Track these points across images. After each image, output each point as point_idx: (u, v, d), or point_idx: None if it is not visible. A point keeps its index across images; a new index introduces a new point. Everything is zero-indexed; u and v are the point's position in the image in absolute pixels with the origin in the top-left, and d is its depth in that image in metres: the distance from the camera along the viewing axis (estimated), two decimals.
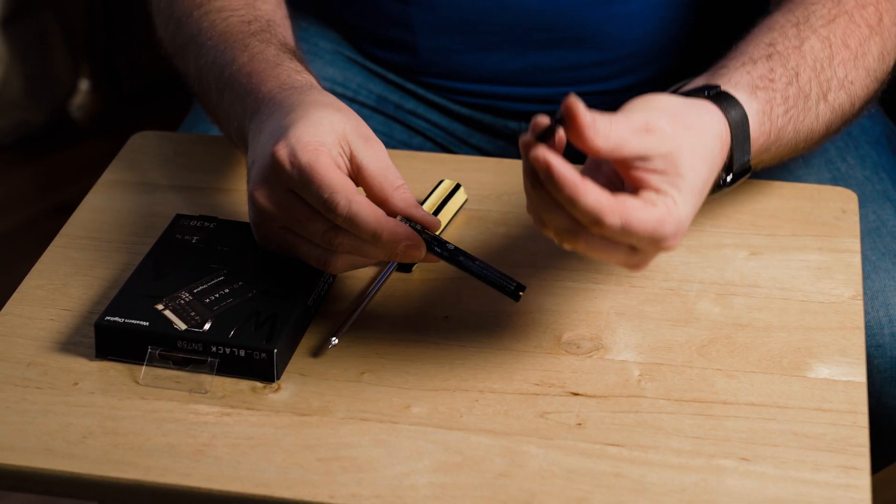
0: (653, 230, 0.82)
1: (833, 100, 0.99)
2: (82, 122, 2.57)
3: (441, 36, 1.24)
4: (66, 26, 2.46)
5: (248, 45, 1.02)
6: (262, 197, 0.90)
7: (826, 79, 0.99)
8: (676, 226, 0.83)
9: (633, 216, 0.81)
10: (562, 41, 1.22)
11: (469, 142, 1.31)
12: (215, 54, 1.03)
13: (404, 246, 0.88)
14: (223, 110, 1.02)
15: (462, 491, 0.80)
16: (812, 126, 0.98)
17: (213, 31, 1.05)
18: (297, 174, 0.87)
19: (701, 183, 0.85)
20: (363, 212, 0.87)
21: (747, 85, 0.93)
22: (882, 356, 1.04)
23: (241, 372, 0.88)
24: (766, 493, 0.79)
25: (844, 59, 1.00)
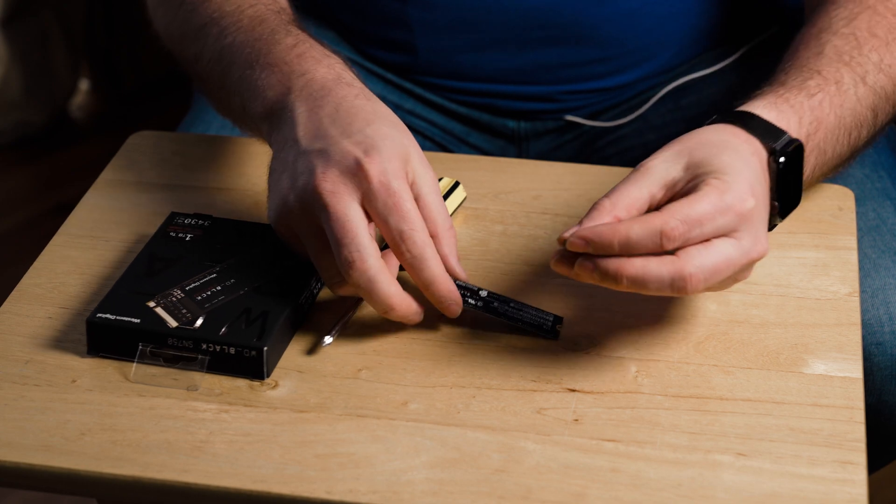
0: (714, 207, 0.83)
1: (874, 83, 1.00)
2: (82, 122, 2.58)
3: (439, 35, 1.24)
4: (66, 26, 2.46)
5: (290, 32, 1.00)
6: (327, 191, 0.87)
7: (858, 64, 1.00)
8: (736, 197, 0.84)
9: (691, 207, 0.83)
10: (560, 39, 1.22)
11: (467, 141, 1.31)
12: (248, 35, 1.01)
13: (448, 305, 0.90)
14: (250, 85, 0.98)
15: (459, 486, 0.80)
16: (856, 108, 0.98)
17: (242, 15, 1.03)
18: (384, 196, 0.87)
19: (740, 169, 0.86)
20: (430, 255, 0.88)
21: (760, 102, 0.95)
22: (882, 354, 1.04)
23: (232, 369, 0.88)
24: (762, 489, 0.79)
25: (874, 46, 1.01)
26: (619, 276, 0.83)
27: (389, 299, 0.88)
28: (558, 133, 1.30)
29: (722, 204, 0.84)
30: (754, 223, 0.85)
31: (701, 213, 0.83)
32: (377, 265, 0.87)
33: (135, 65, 2.59)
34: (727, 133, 0.90)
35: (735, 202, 0.84)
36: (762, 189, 0.88)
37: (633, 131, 1.29)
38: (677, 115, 1.27)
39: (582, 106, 1.28)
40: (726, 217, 0.84)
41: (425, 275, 0.88)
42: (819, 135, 0.95)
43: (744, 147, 0.89)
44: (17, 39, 2.36)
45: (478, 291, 0.93)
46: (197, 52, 1.06)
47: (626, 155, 1.28)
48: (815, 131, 0.95)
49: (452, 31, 1.24)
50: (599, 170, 1.10)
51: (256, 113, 0.97)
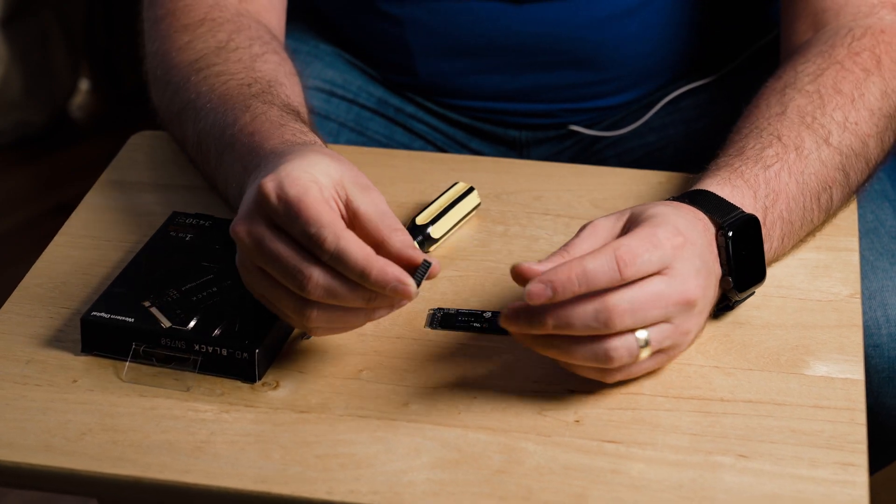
0: (642, 242, 0.83)
1: (839, 143, 0.98)
2: (82, 122, 2.57)
3: (439, 59, 1.24)
4: (66, 26, 2.46)
5: (249, 106, 0.99)
6: (241, 230, 0.85)
7: (821, 126, 0.98)
8: (664, 233, 0.84)
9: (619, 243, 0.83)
10: (561, 63, 1.22)
11: (468, 146, 1.31)
12: (215, 116, 1.01)
13: (392, 287, 0.81)
14: (223, 172, 0.99)
15: (460, 487, 0.80)
16: (820, 171, 0.97)
17: (213, 95, 1.02)
18: (284, 207, 0.83)
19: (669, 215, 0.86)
20: (351, 247, 0.82)
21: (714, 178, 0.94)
22: (880, 356, 1.04)
23: (224, 371, 0.88)
24: (763, 490, 0.79)
25: (839, 104, 1.00)
26: (544, 318, 0.82)
27: (359, 294, 0.83)
28: (559, 140, 1.30)
29: (656, 234, 0.83)
30: (685, 264, 0.84)
31: (642, 239, 0.83)
32: (321, 273, 0.83)
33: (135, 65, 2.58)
34: (676, 204, 0.90)
35: (666, 235, 0.84)
36: (699, 238, 0.87)
37: (633, 134, 1.29)
38: (676, 118, 1.27)
39: (583, 120, 1.28)
40: (662, 249, 0.83)
41: (352, 264, 0.81)
42: (780, 205, 0.94)
43: (689, 214, 0.89)
44: (17, 39, 2.36)
45: (481, 314, 0.93)
46: (182, 136, 1.07)
47: (626, 157, 1.28)
48: (774, 203, 0.94)
49: (452, 55, 1.24)
50: (600, 170, 1.10)
51: (231, 202, 0.99)
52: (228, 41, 1.08)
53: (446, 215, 1.01)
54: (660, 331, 0.84)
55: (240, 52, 1.07)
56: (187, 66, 1.07)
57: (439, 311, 0.94)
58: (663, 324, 0.84)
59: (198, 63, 1.06)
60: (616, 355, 0.83)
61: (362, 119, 1.27)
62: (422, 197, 1.06)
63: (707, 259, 0.87)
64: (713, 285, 0.88)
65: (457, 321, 0.93)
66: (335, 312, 0.84)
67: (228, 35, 1.09)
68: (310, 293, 0.83)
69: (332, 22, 1.30)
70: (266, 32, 1.12)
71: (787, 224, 0.95)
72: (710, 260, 0.88)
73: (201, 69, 1.06)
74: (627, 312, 0.82)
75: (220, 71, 1.05)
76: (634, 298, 0.82)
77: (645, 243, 0.83)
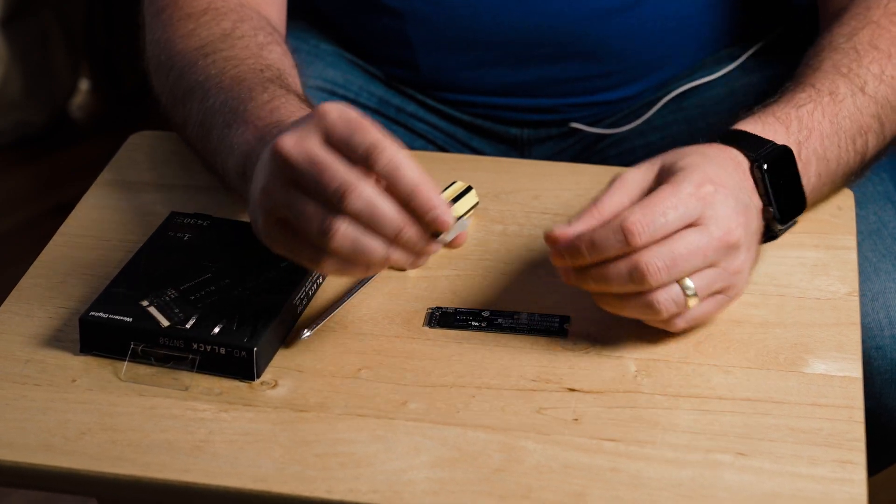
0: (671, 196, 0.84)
1: (874, 92, 1.00)
2: (82, 122, 2.58)
3: (440, 53, 1.24)
4: (66, 26, 2.46)
5: (266, 88, 0.99)
6: (290, 143, 0.83)
7: (857, 76, 1.00)
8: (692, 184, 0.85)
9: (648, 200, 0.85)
10: (563, 56, 1.22)
11: (470, 145, 1.31)
12: (227, 95, 1.00)
13: (434, 215, 0.82)
14: (227, 143, 0.97)
15: (459, 486, 0.80)
16: (854, 115, 0.99)
17: (223, 77, 1.02)
18: (344, 122, 0.82)
19: (699, 163, 0.87)
20: (408, 162, 0.81)
21: (746, 121, 0.96)
22: (882, 358, 1.04)
23: (222, 370, 0.88)
24: (762, 488, 0.79)
25: (875, 58, 1.02)
26: (586, 278, 0.86)
27: (395, 215, 0.82)
28: (561, 138, 1.30)
29: (678, 192, 0.85)
30: (718, 209, 0.86)
31: (657, 204, 0.85)
32: (370, 185, 0.82)
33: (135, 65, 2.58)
34: (707, 147, 0.92)
35: (691, 188, 0.86)
36: (730, 178, 0.89)
37: (636, 133, 1.28)
38: (679, 116, 1.27)
39: (586, 116, 1.28)
40: (686, 205, 0.85)
41: (408, 178, 0.81)
42: (814, 141, 0.96)
43: (720, 155, 0.91)
44: (17, 39, 2.36)
45: (480, 313, 0.93)
46: (185, 117, 1.06)
47: (629, 156, 1.28)
48: (807, 138, 0.96)
49: (453, 49, 1.23)
50: (599, 169, 1.10)
51: (232, 171, 0.96)
52: (233, 29, 1.08)
53: None
54: (706, 277, 0.86)
55: (246, 39, 1.07)
56: (193, 51, 1.07)
57: (438, 310, 0.94)
58: (708, 269, 0.86)
59: (205, 49, 1.06)
60: (662, 307, 0.85)
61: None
62: None
63: (742, 197, 0.89)
64: (754, 218, 0.90)
65: (455, 320, 0.93)
66: (363, 233, 0.82)
67: (233, 24, 1.09)
68: (350, 202, 0.81)
69: (333, 20, 1.30)
70: (268, 24, 1.12)
71: (822, 161, 0.97)
72: (747, 195, 0.90)
73: (209, 54, 1.06)
74: (663, 269, 0.84)
75: (229, 56, 1.05)
76: (668, 254, 0.84)
77: (664, 204, 0.85)
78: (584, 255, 0.85)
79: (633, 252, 0.84)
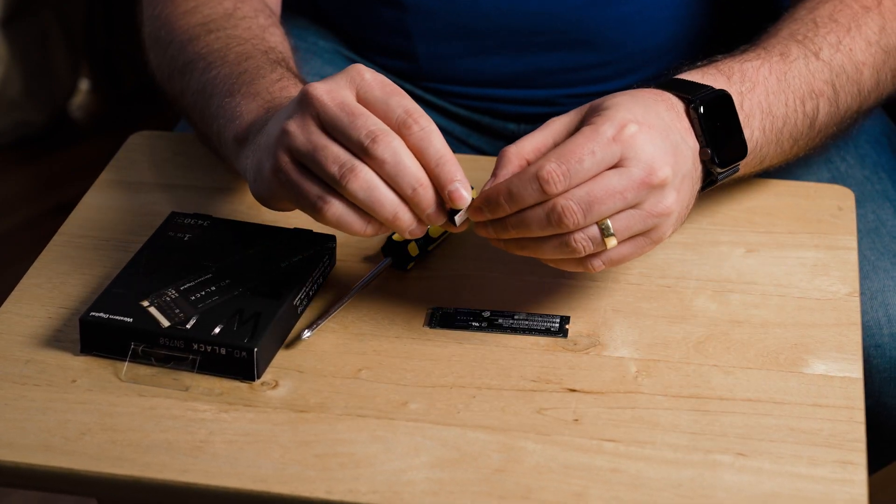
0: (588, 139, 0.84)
1: (829, 59, 0.99)
2: (82, 122, 2.58)
3: (439, 42, 1.24)
4: (66, 26, 2.46)
5: (275, 69, 1.00)
6: (322, 90, 0.84)
7: (811, 42, 0.99)
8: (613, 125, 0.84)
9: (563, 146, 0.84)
10: (560, 44, 1.22)
11: (468, 142, 1.31)
12: (233, 69, 1.01)
13: (452, 189, 0.84)
14: (230, 110, 0.98)
15: (459, 486, 0.80)
16: (805, 76, 0.97)
17: (228, 52, 1.03)
18: (380, 84, 0.85)
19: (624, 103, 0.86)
20: (438, 134, 0.84)
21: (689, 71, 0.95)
22: (881, 356, 1.04)
23: (223, 370, 0.88)
24: (762, 489, 0.79)
25: (832, 29, 1.01)
26: (505, 226, 0.86)
27: (417, 172, 0.84)
28: None
29: (596, 135, 0.84)
30: (641, 149, 0.84)
31: (573, 148, 0.84)
32: (397, 138, 0.84)
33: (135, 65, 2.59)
34: (640, 90, 0.90)
35: (612, 130, 0.84)
36: (659, 119, 0.87)
37: None
38: None
39: None
40: (607, 149, 0.84)
41: (436, 146, 0.84)
42: (758, 94, 0.95)
43: (652, 97, 0.89)
44: (17, 39, 2.36)
45: (480, 313, 0.93)
46: (183, 86, 1.06)
47: None
48: (751, 90, 0.94)
49: (452, 37, 1.24)
50: None
51: (230, 136, 0.96)
52: (235, 9, 1.09)
53: None
54: (625, 217, 0.85)
55: (248, 20, 1.08)
56: (196, 26, 1.07)
57: (438, 310, 0.94)
58: (630, 210, 0.85)
59: (208, 25, 1.07)
60: (579, 245, 0.84)
61: None
62: None
63: (672, 137, 0.87)
64: (687, 159, 0.88)
65: (455, 320, 0.93)
66: (377, 186, 0.83)
67: (234, 4, 1.10)
68: (378, 149, 0.82)
69: (331, 15, 1.30)
70: (266, 7, 1.13)
71: (767, 115, 0.95)
72: (679, 136, 0.88)
73: (212, 31, 1.06)
74: (578, 211, 0.83)
75: (233, 35, 1.06)
76: (584, 196, 0.83)
77: (581, 150, 0.83)
78: (503, 206, 0.85)
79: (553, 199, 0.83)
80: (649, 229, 0.86)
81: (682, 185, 0.87)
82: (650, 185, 0.84)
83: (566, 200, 0.83)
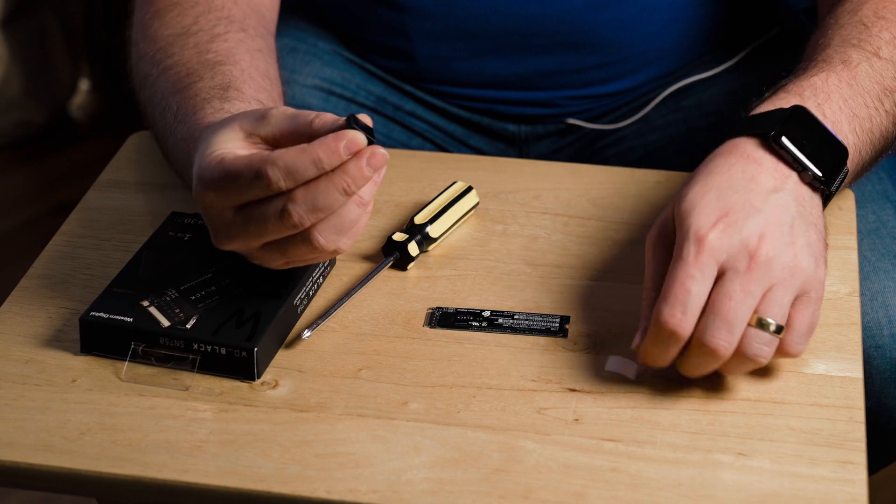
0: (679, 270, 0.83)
1: (890, 56, 0.98)
2: (82, 122, 2.57)
3: (438, 44, 1.24)
4: (66, 26, 2.46)
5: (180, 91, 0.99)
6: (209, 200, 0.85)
7: (868, 43, 0.98)
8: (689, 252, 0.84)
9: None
10: (560, 46, 1.22)
11: (468, 143, 1.31)
12: (164, 121, 1.01)
13: (345, 146, 0.80)
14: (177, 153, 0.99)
15: (459, 486, 0.80)
16: (873, 76, 0.96)
17: (167, 91, 1.02)
18: (216, 190, 0.83)
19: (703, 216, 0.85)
20: (288, 155, 0.81)
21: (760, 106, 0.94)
22: (881, 357, 1.04)
23: (223, 370, 0.88)
24: (762, 488, 0.79)
25: (884, 26, 1.00)
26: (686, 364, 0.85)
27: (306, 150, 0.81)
28: (559, 136, 1.30)
29: (685, 263, 0.83)
30: (730, 247, 0.83)
31: (677, 286, 0.83)
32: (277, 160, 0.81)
33: None
34: (713, 161, 0.89)
35: (694, 248, 0.83)
36: (739, 190, 0.86)
37: (634, 132, 1.28)
38: (678, 116, 1.27)
39: (583, 110, 1.28)
40: (703, 266, 0.83)
41: (302, 166, 0.81)
42: (835, 102, 0.93)
43: (723, 167, 0.87)
44: (17, 39, 2.36)
45: (480, 313, 0.93)
46: (154, 132, 1.06)
47: (627, 156, 1.28)
48: (826, 100, 0.93)
49: (451, 39, 1.24)
50: (599, 170, 1.10)
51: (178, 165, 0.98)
52: (192, 24, 1.07)
53: (445, 214, 1.01)
54: (769, 303, 0.83)
55: (200, 34, 1.05)
56: (150, 58, 1.06)
57: (438, 310, 0.94)
58: (768, 294, 0.83)
59: (158, 55, 1.06)
60: (759, 359, 0.84)
61: None
62: (420, 196, 1.06)
63: (756, 200, 0.85)
64: (785, 208, 0.86)
65: (455, 320, 0.93)
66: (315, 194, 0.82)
67: (194, 18, 1.07)
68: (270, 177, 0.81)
69: (330, 16, 1.30)
70: (240, 10, 1.10)
71: (854, 119, 0.94)
72: (763, 191, 0.86)
73: (160, 61, 1.05)
74: (726, 340, 0.82)
75: (173, 63, 1.03)
76: (723, 323, 0.82)
77: (684, 284, 0.83)
78: (660, 362, 0.85)
79: (697, 336, 0.83)
80: (799, 291, 0.85)
81: (795, 232, 0.85)
82: (759, 265, 0.83)
83: (709, 337, 0.82)
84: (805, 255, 0.85)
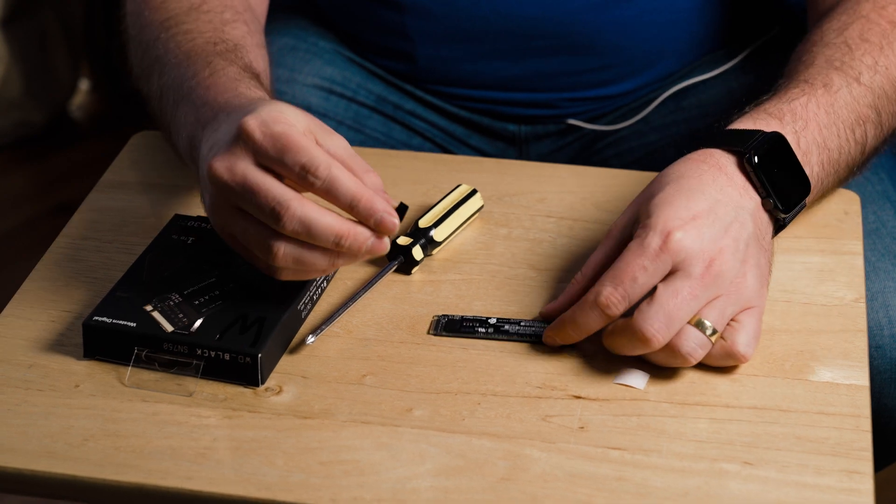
0: (636, 257, 0.85)
1: (870, 83, 0.99)
2: (82, 122, 2.57)
3: (438, 45, 1.24)
4: (66, 26, 2.45)
5: (210, 63, 0.99)
6: (221, 167, 0.85)
7: (850, 67, 1.00)
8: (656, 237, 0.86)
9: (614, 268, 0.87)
10: (560, 48, 1.22)
11: (468, 143, 1.31)
12: (178, 71, 1.01)
13: (379, 218, 0.84)
14: (177, 122, 0.98)
15: (464, 494, 0.79)
16: (851, 105, 0.98)
17: (179, 51, 1.03)
18: (271, 142, 0.84)
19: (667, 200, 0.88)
20: (344, 174, 0.84)
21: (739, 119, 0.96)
22: (882, 357, 1.04)
23: (226, 375, 0.87)
24: (768, 498, 0.79)
25: (867, 50, 1.01)
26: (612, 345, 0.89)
27: (331, 228, 0.84)
28: (559, 136, 1.30)
29: (643, 249, 0.86)
30: (691, 249, 0.86)
31: (625, 268, 0.86)
32: (302, 203, 0.83)
33: None
34: (685, 163, 0.91)
35: (657, 240, 0.86)
36: (709, 199, 0.88)
37: (635, 133, 1.28)
38: (678, 117, 1.27)
39: (583, 111, 1.28)
40: (657, 260, 0.86)
41: (343, 191, 0.84)
42: (811, 131, 0.95)
43: (694, 172, 0.90)
44: (17, 39, 2.36)
45: (486, 320, 0.93)
46: (148, 93, 1.07)
47: (627, 156, 1.28)
48: (804, 129, 0.95)
49: (451, 40, 1.23)
50: (602, 172, 1.10)
51: (184, 151, 0.97)
52: (202, 3, 1.08)
53: (449, 218, 1.01)
54: (711, 309, 0.86)
55: (211, 14, 1.07)
56: (158, 24, 1.07)
57: (444, 317, 0.93)
58: (714, 301, 0.86)
59: (168, 22, 1.07)
60: (690, 358, 0.86)
61: (361, 117, 1.27)
62: (424, 198, 1.06)
63: (722, 213, 0.88)
64: (744, 227, 0.88)
65: (461, 327, 0.92)
66: (302, 250, 0.85)
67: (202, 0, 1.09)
68: (285, 224, 0.83)
69: (331, 16, 1.30)
70: (241, 3, 1.12)
71: (824, 150, 0.96)
72: (731, 206, 0.89)
73: (170, 27, 1.06)
74: (661, 330, 0.85)
75: (189, 29, 1.05)
76: (661, 314, 0.85)
77: (632, 269, 0.86)
78: (572, 335, 0.88)
79: (635, 321, 0.85)
80: (742, 307, 0.87)
81: (748, 252, 0.88)
82: (714, 275, 0.86)
83: (643, 323, 0.84)
84: (753, 275, 0.88)
